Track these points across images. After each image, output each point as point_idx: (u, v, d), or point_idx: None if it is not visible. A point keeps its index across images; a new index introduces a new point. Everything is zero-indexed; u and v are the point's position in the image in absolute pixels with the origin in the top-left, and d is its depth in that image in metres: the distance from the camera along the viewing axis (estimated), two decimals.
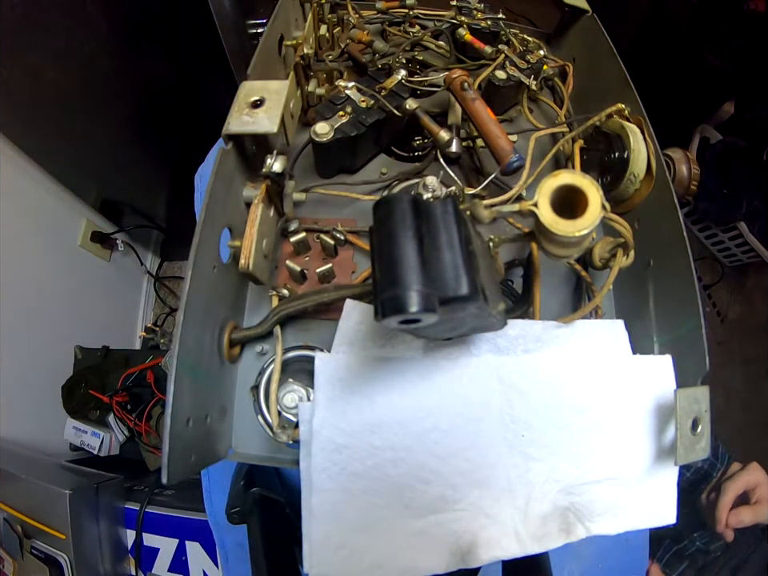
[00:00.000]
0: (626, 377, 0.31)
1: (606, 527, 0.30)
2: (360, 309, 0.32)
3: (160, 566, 0.62)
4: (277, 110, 0.34)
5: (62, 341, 0.94)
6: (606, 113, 0.40)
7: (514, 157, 0.38)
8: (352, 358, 0.30)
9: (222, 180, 0.33)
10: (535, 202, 0.25)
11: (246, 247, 0.33)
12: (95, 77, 0.81)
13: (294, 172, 0.42)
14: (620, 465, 0.30)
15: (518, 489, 0.29)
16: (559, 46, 0.59)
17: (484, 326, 0.27)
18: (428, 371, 0.30)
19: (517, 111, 0.51)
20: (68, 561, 0.57)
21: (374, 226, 0.21)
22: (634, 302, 0.39)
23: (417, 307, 0.18)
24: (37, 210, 0.90)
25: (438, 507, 0.28)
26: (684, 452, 0.27)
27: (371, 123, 0.41)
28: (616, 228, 0.32)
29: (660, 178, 0.37)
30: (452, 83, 0.42)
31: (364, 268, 0.41)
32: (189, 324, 0.28)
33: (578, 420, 0.30)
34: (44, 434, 0.86)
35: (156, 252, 1.33)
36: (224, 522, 0.42)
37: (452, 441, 0.29)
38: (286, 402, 0.32)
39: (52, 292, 0.94)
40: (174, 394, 0.26)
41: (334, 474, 0.28)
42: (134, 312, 1.25)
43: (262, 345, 0.38)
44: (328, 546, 0.27)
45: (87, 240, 1.02)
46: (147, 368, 0.87)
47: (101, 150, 0.94)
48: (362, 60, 0.50)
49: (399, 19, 0.56)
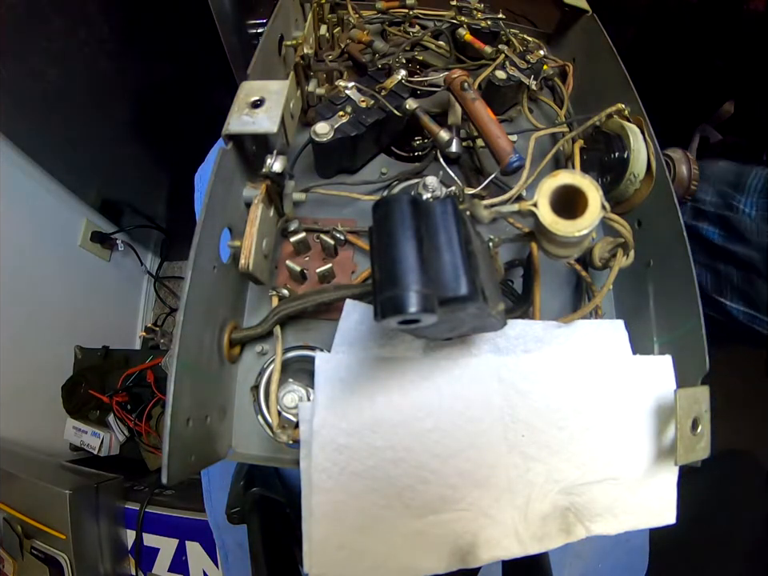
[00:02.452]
0: (626, 377, 0.31)
1: (606, 527, 0.30)
2: (360, 309, 0.32)
3: (160, 566, 0.63)
4: (277, 110, 0.34)
5: (62, 341, 0.94)
6: (606, 113, 0.40)
7: (513, 157, 0.38)
8: (352, 358, 0.30)
9: (222, 180, 0.33)
10: (535, 202, 0.25)
11: (246, 247, 0.33)
12: (95, 77, 0.81)
13: (294, 172, 0.42)
14: (620, 465, 0.30)
15: (518, 489, 0.29)
16: (559, 45, 0.59)
17: (484, 326, 0.27)
18: (428, 371, 0.30)
19: (517, 111, 0.51)
20: (68, 561, 0.57)
21: (373, 227, 0.21)
22: (634, 302, 0.39)
23: (416, 308, 0.18)
24: (37, 210, 0.90)
25: (438, 507, 0.28)
26: (684, 452, 0.27)
27: (371, 123, 0.41)
28: (616, 228, 0.32)
29: (660, 178, 0.37)
30: (452, 83, 0.42)
31: (364, 268, 0.40)
32: (189, 324, 0.28)
33: (578, 420, 0.30)
34: (44, 433, 0.86)
35: (156, 252, 1.33)
36: (224, 522, 0.42)
37: (452, 441, 0.29)
38: (286, 402, 0.32)
39: (52, 292, 0.94)
40: (173, 394, 0.26)
41: (334, 474, 0.28)
42: (133, 312, 1.25)
43: (262, 345, 0.38)
44: (328, 546, 0.27)
45: (87, 240, 1.02)
46: (147, 368, 0.87)
47: (101, 150, 0.94)
48: (362, 60, 0.50)
49: (399, 19, 0.56)
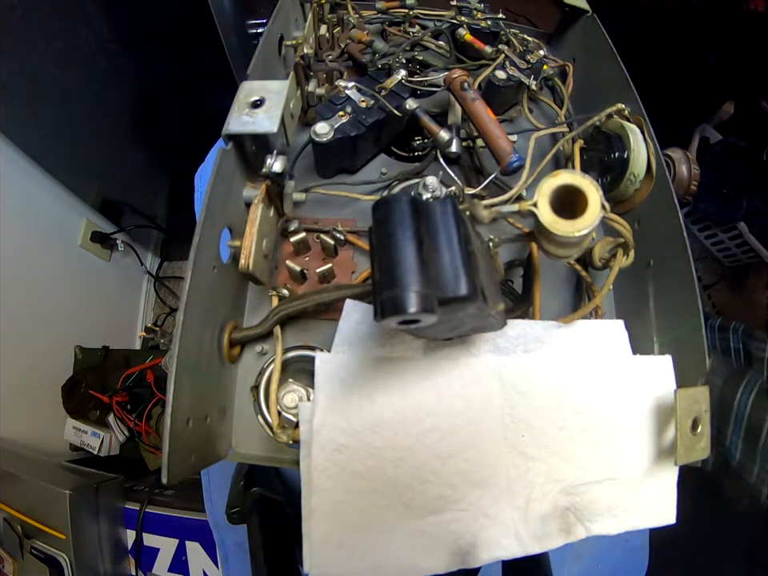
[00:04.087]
0: (626, 377, 0.31)
1: (606, 527, 0.30)
2: (360, 309, 0.31)
3: (160, 566, 0.63)
4: (277, 110, 0.34)
5: (62, 341, 0.94)
6: (606, 113, 0.40)
7: (513, 157, 0.38)
8: (352, 358, 0.30)
9: (222, 180, 0.33)
10: (535, 202, 0.25)
11: (246, 247, 0.33)
12: (95, 77, 0.81)
13: (294, 172, 0.42)
14: (620, 465, 0.30)
15: (518, 489, 0.29)
16: (559, 46, 0.59)
17: (484, 326, 0.27)
18: (428, 371, 0.30)
19: (517, 111, 0.51)
20: (68, 561, 0.57)
21: (372, 227, 0.21)
22: (634, 302, 0.39)
23: (415, 308, 0.18)
24: (37, 210, 0.90)
25: (438, 507, 0.28)
26: (684, 452, 0.27)
27: (371, 123, 0.41)
28: (616, 228, 0.32)
29: (660, 178, 0.37)
30: (452, 83, 0.42)
31: (364, 268, 0.40)
32: (189, 324, 0.28)
33: (578, 420, 0.30)
34: (44, 433, 0.86)
35: (156, 252, 1.33)
36: (224, 522, 0.42)
37: (452, 441, 0.29)
38: (286, 402, 0.32)
39: (52, 292, 0.94)
40: (173, 394, 0.26)
41: (334, 474, 0.28)
42: (134, 312, 1.25)
43: (262, 345, 0.38)
44: (328, 546, 0.27)
45: (87, 240, 1.02)
46: (147, 368, 0.87)
47: (101, 150, 0.94)
48: (362, 60, 0.50)
49: (399, 19, 0.56)
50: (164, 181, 1.15)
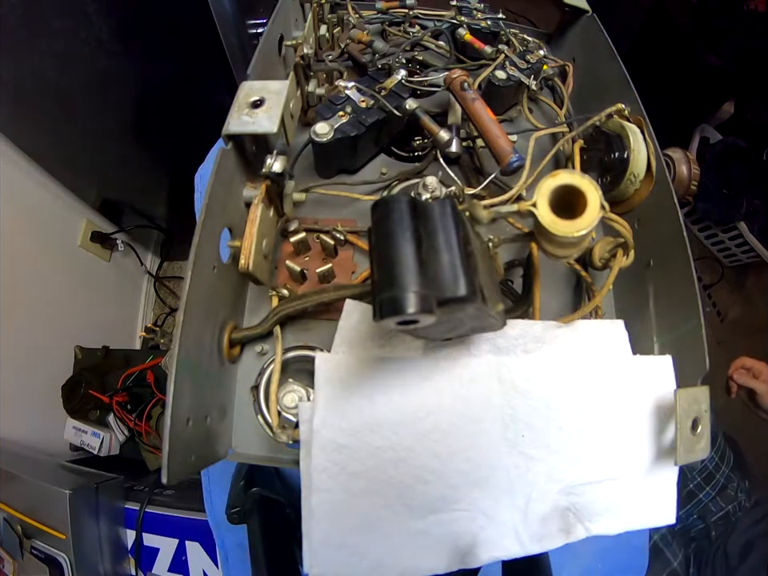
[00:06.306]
0: (626, 377, 0.31)
1: (606, 527, 0.30)
2: (360, 309, 0.32)
3: (160, 566, 0.62)
4: (277, 110, 0.34)
5: (62, 341, 0.94)
6: (606, 113, 0.40)
7: (513, 157, 0.38)
8: (352, 358, 0.30)
9: (222, 180, 0.33)
10: (534, 203, 0.25)
11: (245, 247, 0.33)
12: (95, 77, 0.81)
13: (294, 172, 0.42)
14: (620, 465, 0.30)
15: (518, 489, 0.29)
16: (559, 46, 0.59)
17: (483, 326, 0.27)
18: (428, 371, 0.30)
19: (517, 111, 0.51)
20: (68, 561, 0.57)
21: (372, 227, 0.21)
22: (634, 302, 0.39)
23: (414, 308, 0.18)
24: (37, 210, 0.90)
25: (438, 507, 0.28)
26: (684, 452, 0.27)
27: (371, 123, 0.41)
28: (616, 228, 0.32)
29: (660, 178, 0.37)
30: (452, 83, 0.42)
31: (364, 268, 0.40)
32: (189, 324, 0.28)
33: (578, 420, 0.30)
34: (44, 434, 0.86)
35: (156, 252, 1.33)
36: (224, 522, 0.42)
37: (452, 441, 0.29)
38: (286, 402, 0.32)
39: (52, 292, 0.94)
40: (173, 394, 0.26)
41: (334, 474, 0.28)
42: (133, 312, 1.25)
43: (262, 345, 0.38)
44: (328, 546, 0.27)
45: (87, 240, 1.02)
46: (147, 368, 0.87)
47: (101, 150, 0.94)
48: (362, 60, 0.50)
49: (399, 19, 0.56)
50: (164, 181, 1.15)
